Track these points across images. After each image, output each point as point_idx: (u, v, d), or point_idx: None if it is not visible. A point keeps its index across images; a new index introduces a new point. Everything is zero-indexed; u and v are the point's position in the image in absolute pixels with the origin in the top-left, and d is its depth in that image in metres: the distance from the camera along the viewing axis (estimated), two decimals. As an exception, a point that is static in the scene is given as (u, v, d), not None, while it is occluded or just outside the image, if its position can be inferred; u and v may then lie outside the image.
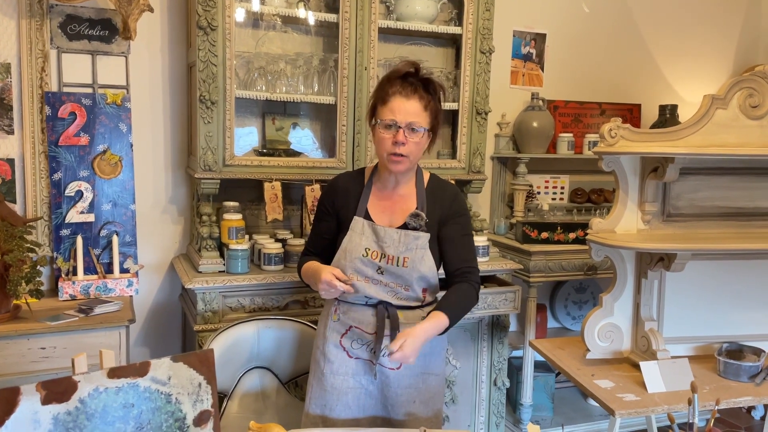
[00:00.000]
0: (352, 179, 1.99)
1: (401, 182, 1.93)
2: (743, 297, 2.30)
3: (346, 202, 1.94)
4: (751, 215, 2.29)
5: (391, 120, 1.81)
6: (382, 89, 1.86)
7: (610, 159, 2.15)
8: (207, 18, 2.50)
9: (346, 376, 1.90)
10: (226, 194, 2.72)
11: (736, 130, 2.17)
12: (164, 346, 2.97)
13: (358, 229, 1.89)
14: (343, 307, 1.93)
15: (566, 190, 3.69)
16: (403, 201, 1.93)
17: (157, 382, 1.06)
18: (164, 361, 1.09)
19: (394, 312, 1.87)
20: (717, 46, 3.99)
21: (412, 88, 1.83)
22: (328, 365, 1.91)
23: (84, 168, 2.63)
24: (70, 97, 2.60)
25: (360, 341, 1.90)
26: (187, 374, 1.11)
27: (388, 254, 1.85)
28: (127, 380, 1.03)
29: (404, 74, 1.85)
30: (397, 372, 1.89)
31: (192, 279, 2.47)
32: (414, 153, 1.84)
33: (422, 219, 1.87)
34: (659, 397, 1.98)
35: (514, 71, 3.54)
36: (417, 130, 1.81)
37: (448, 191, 1.97)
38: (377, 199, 1.94)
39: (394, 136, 1.80)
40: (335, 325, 1.93)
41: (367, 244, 1.86)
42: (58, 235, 2.61)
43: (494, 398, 3.04)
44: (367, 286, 1.86)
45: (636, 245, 2.09)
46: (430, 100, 1.86)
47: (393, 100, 1.82)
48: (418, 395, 1.91)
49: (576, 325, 3.75)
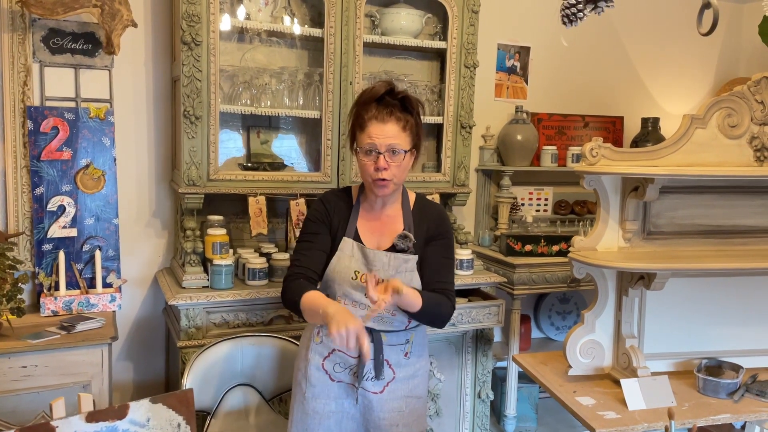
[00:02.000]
0: (339, 198, 1.96)
1: (388, 203, 1.92)
2: (722, 313, 2.33)
3: (337, 220, 1.92)
4: (730, 233, 2.32)
5: (370, 145, 1.79)
6: (359, 115, 1.83)
7: (592, 178, 2.17)
8: (191, 33, 2.49)
9: (328, 400, 1.89)
10: (210, 208, 2.71)
11: (715, 149, 2.20)
12: (148, 361, 2.96)
13: (347, 251, 1.87)
14: (326, 330, 1.86)
15: (550, 202, 3.72)
16: (391, 222, 1.92)
17: (136, 425, 1.06)
18: (143, 403, 1.09)
19: (378, 336, 1.86)
20: (699, 59, 4.05)
21: (388, 111, 1.80)
22: (310, 388, 1.90)
23: (66, 182, 2.62)
24: (53, 111, 2.58)
25: (342, 365, 1.89)
26: (166, 415, 1.11)
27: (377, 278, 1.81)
28: (106, 423, 1.02)
29: (380, 96, 1.82)
30: (380, 396, 1.88)
31: (176, 295, 2.46)
32: (398, 175, 1.83)
33: (410, 240, 1.86)
34: (639, 414, 2.00)
35: (498, 84, 3.56)
36: (398, 152, 1.80)
37: (435, 211, 1.96)
38: (365, 220, 1.92)
39: (375, 162, 1.79)
40: (318, 347, 1.91)
41: (357, 266, 1.85)
42: (40, 250, 2.59)
43: (478, 411, 3.05)
44: (353, 310, 1.81)
45: (617, 264, 2.11)
46: (407, 120, 1.83)
47: (370, 126, 1.80)
48: (401, 419, 1.90)
49: (560, 335, 3.78)
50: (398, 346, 1.90)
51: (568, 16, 1.48)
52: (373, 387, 1.87)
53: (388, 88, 1.84)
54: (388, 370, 1.89)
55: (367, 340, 1.64)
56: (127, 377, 2.91)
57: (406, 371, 1.92)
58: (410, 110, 1.85)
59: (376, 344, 1.85)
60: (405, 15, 2.92)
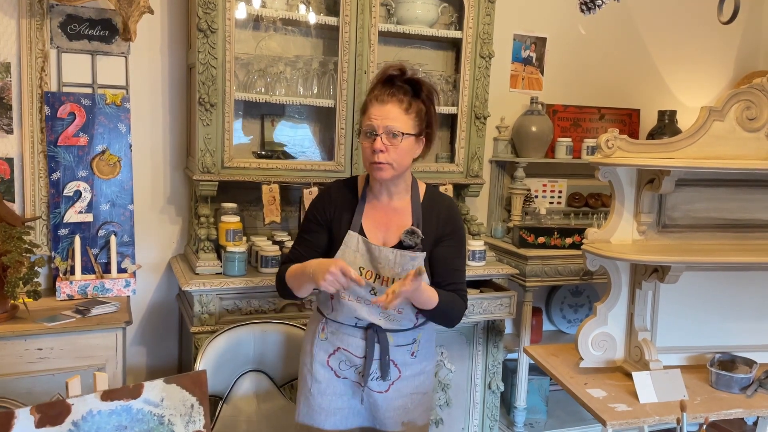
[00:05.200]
0: (344, 190, 1.89)
1: (394, 194, 1.84)
2: (736, 308, 2.31)
3: (339, 214, 1.85)
4: (747, 227, 2.30)
5: (369, 126, 1.74)
6: (367, 97, 1.80)
7: (607, 170, 2.15)
8: (207, 20, 2.50)
9: (334, 396, 1.86)
10: (224, 195, 2.72)
11: (732, 142, 2.18)
12: (161, 346, 2.99)
13: (352, 246, 1.80)
14: (331, 327, 1.86)
15: (564, 194, 3.70)
16: (398, 216, 1.84)
17: (150, 404, 1.07)
18: (157, 383, 1.10)
19: (384, 336, 1.82)
20: (717, 53, 3.99)
21: (390, 92, 1.73)
22: (315, 385, 1.87)
23: (83, 168, 2.64)
24: (70, 97, 2.60)
25: (347, 363, 1.85)
26: (180, 395, 1.12)
27: (383, 275, 1.78)
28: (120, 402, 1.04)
29: (388, 77, 1.76)
30: (385, 395, 1.85)
31: (189, 281, 2.48)
32: (397, 160, 1.73)
33: (418, 236, 1.78)
34: (651, 407, 2.00)
35: (513, 75, 3.54)
36: (396, 135, 1.71)
37: (445, 205, 1.88)
38: (372, 214, 1.84)
39: (372, 144, 1.73)
40: (323, 344, 1.87)
41: (362, 262, 1.79)
42: (56, 234, 2.62)
43: (488, 401, 3.06)
44: (358, 307, 1.78)
45: (631, 257, 2.10)
46: (411, 103, 1.75)
47: (371, 107, 1.75)
48: (407, 415, 1.87)
49: (571, 328, 3.77)
50: (405, 347, 1.86)
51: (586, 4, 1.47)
52: (378, 387, 1.85)
53: (399, 71, 1.76)
54: (394, 369, 1.85)
55: (354, 273, 1.61)
56: (140, 361, 2.94)
57: (413, 369, 1.88)
58: (420, 95, 1.77)
59: (382, 345, 1.81)
60: (421, 4, 2.90)
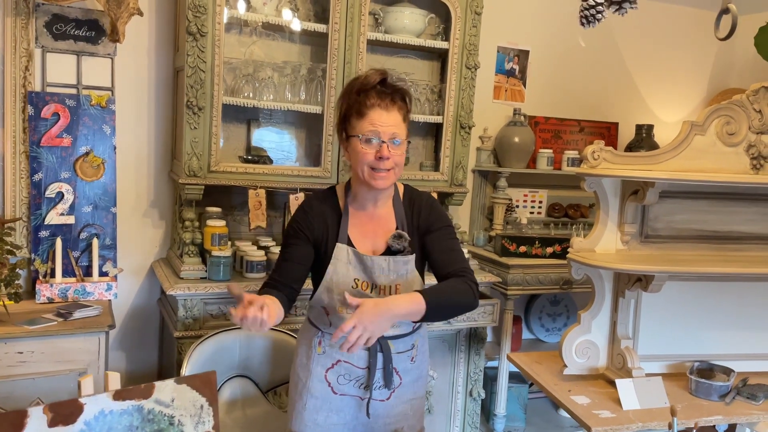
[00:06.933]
0: (324, 203, 1.84)
1: (380, 200, 1.82)
2: (714, 317, 2.37)
3: (323, 228, 1.80)
4: (726, 239, 2.36)
5: (372, 133, 1.70)
6: (358, 101, 1.73)
7: (593, 180, 2.20)
8: (197, 24, 2.49)
9: (330, 413, 1.83)
10: (209, 199, 2.71)
11: (713, 156, 2.24)
12: (141, 352, 2.94)
13: (343, 258, 1.78)
14: (328, 339, 1.82)
15: (544, 205, 3.76)
16: (383, 222, 1.83)
17: (161, 404, 1.07)
18: (168, 383, 1.10)
19: (386, 345, 1.81)
20: (693, 69, 4.10)
21: (390, 100, 1.73)
22: (311, 400, 1.83)
23: (65, 169, 2.60)
24: (54, 97, 2.57)
25: (347, 376, 1.83)
26: (190, 396, 1.12)
27: (379, 285, 1.77)
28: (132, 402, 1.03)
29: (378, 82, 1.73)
30: (386, 402, 1.85)
31: (174, 285, 2.45)
32: (399, 164, 1.75)
33: (405, 240, 1.78)
34: (634, 414, 2.04)
35: (497, 86, 3.59)
36: (399, 143, 1.73)
37: (425, 199, 1.88)
38: (356, 223, 1.82)
39: (377, 151, 1.70)
40: (320, 358, 1.83)
41: (356, 274, 1.77)
42: (37, 236, 2.57)
43: (469, 409, 3.08)
44: None
45: (616, 266, 2.14)
46: (407, 111, 1.78)
47: (372, 113, 1.71)
48: (406, 420, 1.88)
49: (549, 337, 3.82)
50: (405, 353, 1.86)
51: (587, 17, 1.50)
52: (380, 395, 1.84)
53: (382, 77, 1.75)
54: (396, 377, 1.84)
55: (237, 289, 1.54)
56: (119, 367, 2.90)
57: (412, 375, 1.88)
58: (405, 102, 1.79)
59: (385, 354, 1.80)
60: (408, 14, 2.94)
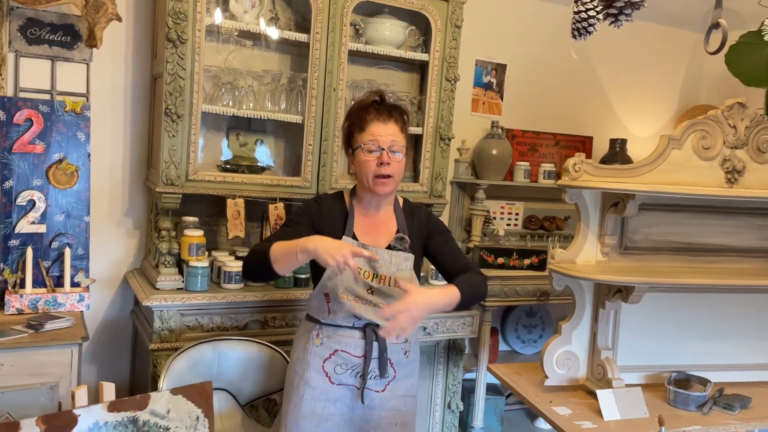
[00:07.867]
0: (334, 202, 2.01)
1: (382, 205, 1.99)
2: (691, 328, 2.41)
3: (330, 223, 1.95)
4: (701, 251, 2.41)
5: (373, 143, 1.88)
6: (360, 117, 1.92)
7: (574, 192, 2.22)
8: (177, 31, 2.46)
9: (327, 403, 1.90)
10: (185, 209, 2.66)
11: (689, 169, 2.28)
12: (113, 365, 2.87)
13: None
14: (327, 331, 1.93)
15: (521, 217, 3.79)
16: (385, 224, 1.99)
17: (156, 416, 1.04)
18: (164, 394, 1.07)
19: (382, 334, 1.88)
20: (663, 86, 4.20)
21: (387, 113, 1.92)
22: (309, 391, 1.90)
23: (38, 177, 2.53)
24: (27, 102, 2.50)
25: (344, 365, 1.91)
26: (186, 407, 1.09)
27: (380, 274, 1.90)
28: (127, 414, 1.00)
29: (372, 102, 1.94)
30: (381, 394, 1.93)
31: (149, 296, 2.40)
32: (398, 173, 1.91)
33: (406, 242, 1.95)
34: (614, 424, 2.05)
35: (475, 99, 3.62)
36: (398, 152, 1.90)
37: (423, 210, 2.08)
38: (362, 224, 1.97)
39: (378, 158, 1.87)
40: (318, 349, 1.92)
41: (360, 263, 1.86)
42: (7, 245, 2.49)
43: (447, 421, 3.06)
44: (356, 306, 1.88)
45: (598, 277, 2.16)
46: (404, 123, 1.95)
47: (372, 126, 1.90)
48: (400, 417, 1.95)
49: (525, 349, 3.83)
50: (399, 345, 1.95)
51: (579, 30, 1.52)
52: (375, 385, 1.92)
53: (379, 96, 1.96)
54: (390, 368, 1.93)
55: (367, 252, 1.74)
56: (90, 380, 2.81)
57: (405, 370, 1.98)
58: (403, 118, 1.97)
59: (380, 343, 1.90)
60: (389, 26, 2.94)
